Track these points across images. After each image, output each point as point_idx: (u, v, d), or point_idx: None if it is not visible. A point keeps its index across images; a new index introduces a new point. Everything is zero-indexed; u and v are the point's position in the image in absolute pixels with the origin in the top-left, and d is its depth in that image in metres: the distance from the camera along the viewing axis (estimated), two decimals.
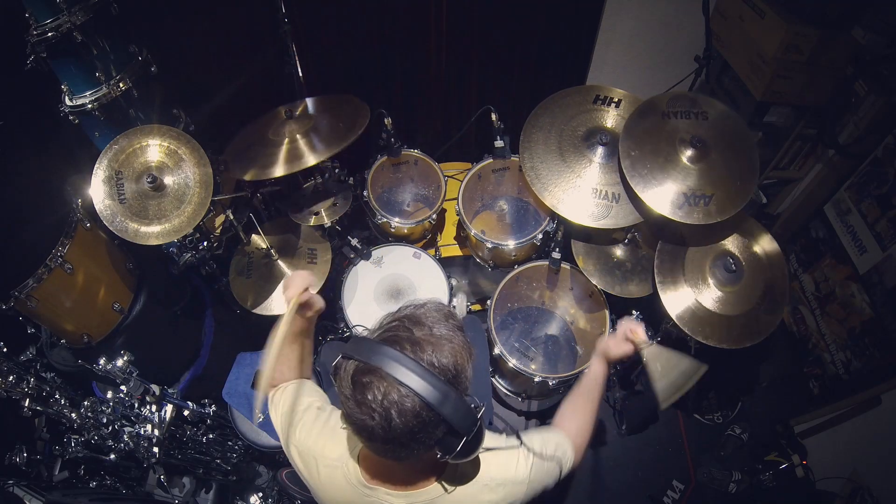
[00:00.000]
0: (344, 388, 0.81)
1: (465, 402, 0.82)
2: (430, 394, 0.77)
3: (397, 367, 0.77)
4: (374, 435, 0.80)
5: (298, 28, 2.35)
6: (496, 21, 2.40)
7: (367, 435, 0.81)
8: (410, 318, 0.85)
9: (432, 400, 0.77)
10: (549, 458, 1.07)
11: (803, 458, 2.26)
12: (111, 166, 1.61)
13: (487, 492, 0.99)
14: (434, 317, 0.86)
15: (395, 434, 0.78)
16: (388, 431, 0.78)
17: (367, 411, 0.78)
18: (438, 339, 0.82)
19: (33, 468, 1.84)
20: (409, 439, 0.80)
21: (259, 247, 2.09)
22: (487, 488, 0.99)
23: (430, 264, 2.14)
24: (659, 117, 1.76)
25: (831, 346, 2.34)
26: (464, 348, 0.85)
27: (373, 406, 0.77)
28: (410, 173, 2.38)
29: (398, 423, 0.77)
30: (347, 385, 0.80)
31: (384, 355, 0.78)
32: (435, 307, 0.88)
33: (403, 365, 0.77)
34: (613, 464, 2.44)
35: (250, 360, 1.99)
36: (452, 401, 0.79)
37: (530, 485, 1.03)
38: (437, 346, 0.81)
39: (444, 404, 0.78)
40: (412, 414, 0.77)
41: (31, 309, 1.63)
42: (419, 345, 0.81)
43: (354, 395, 0.79)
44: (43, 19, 1.49)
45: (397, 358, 0.78)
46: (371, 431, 0.79)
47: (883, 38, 2.00)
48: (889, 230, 2.02)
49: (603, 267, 1.98)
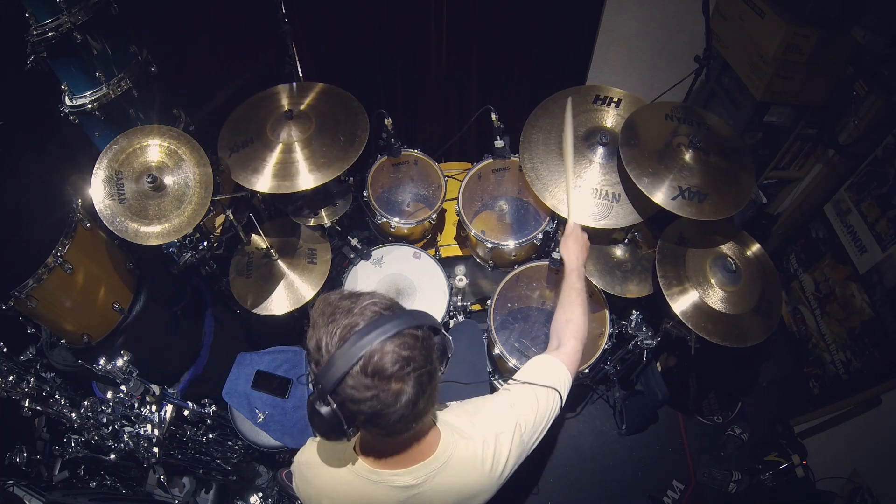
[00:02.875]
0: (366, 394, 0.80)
1: (418, 311, 0.87)
2: (405, 322, 0.82)
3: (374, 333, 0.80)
4: (418, 393, 0.82)
5: (298, 28, 2.35)
6: (496, 21, 2.40)
7: (412, 400, 0.82)
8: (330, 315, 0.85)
9: (410, 323, 0.83)
10: (544, 386, 1.11)
11: (803, 458, 2.26)
12: (111, 166, 1.60)
13: (484, 447, 1.01)
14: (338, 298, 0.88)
15: (424, 367, 0.83)
16: (422, 372, 0.82)
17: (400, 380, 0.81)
18: (362, 303, 0.86)
19: (33, 468, 1.84)
20: (428, 362, 0.84)
21: (259, 247, 2.09)
22: (483, 444, 1.01)
23: (430, 264, 2.14)
24: (662, 118, 1.78)
25: (831, 346, 2.34)
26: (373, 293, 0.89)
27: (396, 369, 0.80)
28: (410, 173, 2.38)
29: (418, 357, 0.82)
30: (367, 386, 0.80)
31: (359, 340, 0.80)
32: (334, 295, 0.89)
33: (375, 328, 0.80)
34: (613, 464, 2.44)
35: (250, 360, 1.99)
36: (416, 314, 0.86)
37: (530, 425, 1.07)
38: (370, 303, 0.85)
39: (415, 318, 0.84)
40: (415, 342, 0.82)
41: (31, 309, 1.63)
42: (363, 312, 0.84)
43: (380, 384, 0.80)
44: (43, 19, 1.49)
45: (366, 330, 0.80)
46: (415, 393, 0.82)
47: (883, 38, 2.00)
48: (889, 230, 2.02)
49: (603, 267, 1.98)
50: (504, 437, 1.02)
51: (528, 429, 1.06)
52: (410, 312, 0.86)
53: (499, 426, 1.03)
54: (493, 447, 1.01)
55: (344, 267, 2.16)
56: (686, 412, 2.56)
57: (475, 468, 1.00)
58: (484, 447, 1.00)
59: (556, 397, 1.11)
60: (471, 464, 0.99)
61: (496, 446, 1.01)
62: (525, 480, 2.38)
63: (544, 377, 1.13)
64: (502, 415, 1.06)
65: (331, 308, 0.86)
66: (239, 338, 2.35)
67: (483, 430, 1.02)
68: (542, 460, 2.44)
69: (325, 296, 0.90)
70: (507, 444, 1.02)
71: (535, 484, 2.38)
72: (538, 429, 1.08)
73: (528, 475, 2.39)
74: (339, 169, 1.83)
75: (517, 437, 1.04)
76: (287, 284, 2.02)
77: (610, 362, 2.12)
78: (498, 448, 1.02)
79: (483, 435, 1.01)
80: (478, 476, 1.00)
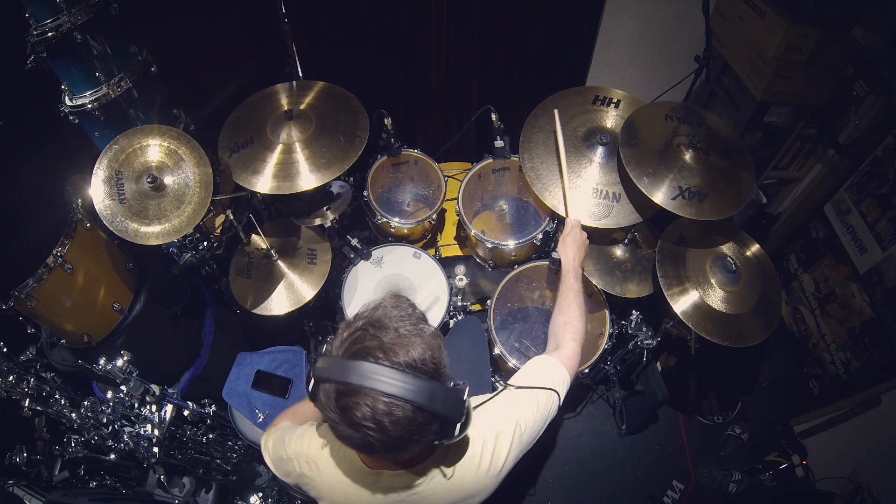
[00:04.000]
0: (330, 413, 0.80)
1: (451, 391, 0.82)
2: (417, 395, 0.77)
3: (377, 379, 0.76)
4: (373, 448, 0.80)
5: (298, 28, 2.35)
6: (496, 21, 2.40)
7: (367, 450, 0.82)
8: (373, 324, 0.83)
9: (422, 401, 0.77)
10: (544, 387, 1.10)
11: (803, 458, 2.26)
12: (111, 166, 1.60)
13: (484, 446, 1.01)
14: (394, 315, 0.85)
15: (394, 441, 0.79)
16: (388, 441, 0.78)
17: (361, 429, 0.77)
18: (408, 338, 0.82)
19: (33, 468, 1.84)
20: (408, 443, 0.81)
21: (259, 247, 2.09)
22: (483, 444, 1.01)
23: (430, 264, 2.14)
24: (662, 117, 1.78)
25: (831, 346, 2.34)
26: (434, 337, 0.85)
27: (365, 423, 0.77)
28: (410, 173, 2.38)
29: (394, 432, 0.77)
30: (334, 411, 0.79)
31: (360, 373, 0.77)
32: (392, 304, 0.87)
33: (382, 376, 0.76)
34: (613, 464, 2.44)
35: (250, 360, 1.99)
36: (441, 394, 0.80)
37: (529, 425, 1.06)
38: (408, 345, 0.81)
39: (434, 401, 0.78)
40: (406, 420, 0.78)
41: (31, 309, 1.63)
42: (391, 349, 0.80)
43: (344, 419, 0.79)
44: (43, 19, 1.49)
45: (374, 371, 0.77)
46: (370, 446, 0.79)
47: (883, 38, 2.00)
48: (889, 230, 2.02)
49: (603, 267, 1.98)
50: (504, 437, 1.02)
51: (527, 429, 1.06)
52: (434, 389, 0.78)
53: (499, 425, 1.03)
54: (493, 446, 1.01)
55: (344, 267, 2.16)
56: (686, 412, 2.56)
57: (472, 468, 1.00)
58: (483, 446, 1.00)
59: (555, 398, 1.11)
60: (468, 464, 0.99)
61: (495, 445, 1.01)
62: (524, 480, 2.38)
63: (544, 378, 1.13)
64: (503, 414, 1.05)
65: (380, 321, 0.83)
66: (239, 338, 2.35)
67: (482, 429, 1.02)
68: (542, 460, 2.44)
69: (393, 299, 0.87)
70: (506, 444, 1.02)
71: (534, 484, 2.38)
72: (536, 429, 1.08)
73: (527, 475, 2.40)
74: (339, 169, 1.83)
75: (517, 436, 1.04)
76: (287, 284, 2.02)
77: (610, 362, 2.12)
78: (497, 447, 1.01)
79: (482, 434, 1.01)
80: (476, 476, 1.00)
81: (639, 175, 1.65)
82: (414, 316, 0.87)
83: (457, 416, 0.82)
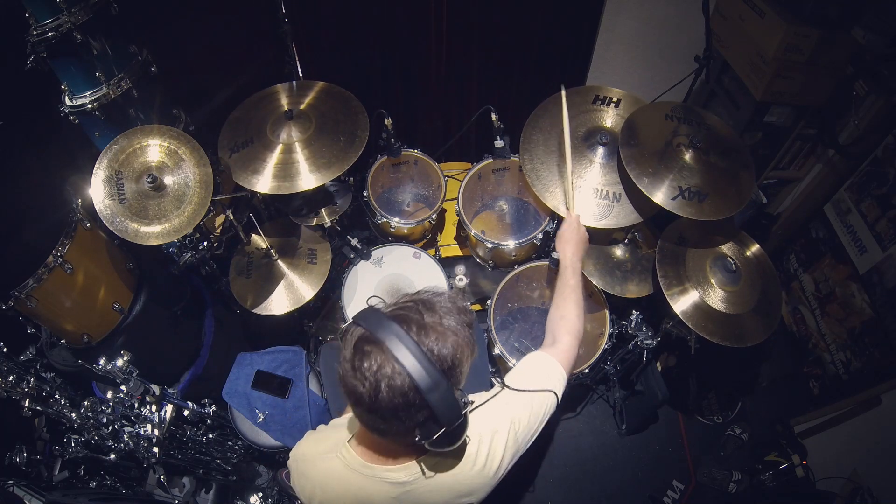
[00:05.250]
0: (346, 351, 0.85)
1: (453, 395, 0.84)
2: (421, 377, 0.80)
3: (398, 344, 0.81)
4: (360, 400, 0.83)
5: (298, 28, 2.35)
6: (496, 21, 2.40)
7: (354, 399, 0.84)
8: (425, 303, 0.88)
9: (422, 384, 0.80)
10: (539, 390, 1.10)
11: (803, 458, 2.26)
12: (111, 166, 1.60)
13: (479, 445, 1.01)
14: (447, 307, 0.89)
15: (379, 406, 0.82)
16: (374, 402, 0.81)
17: (360, 377, 0.82)
18: (445, 329, 0.86)
19: (33, 468, 1.84)
20: (390, 415, 0.83)
21: (259, 247, 2.09)
22: (478, 443, 1.01)
23: (430, 264, 2.14)
24: (662, 117, 1.78)
25: (831, 346, 2.34)
26: (467, 344, 0.88)
27: (366, 374, 0.81)
28: (410, 173, 2.38)
29: (385, 396, 0.81)
30: (350, 349, 0.84)
31: (389, 330, 0.82)
32: (450, 298, 0.91)
33: (404, 344, 0.81)
34: (613, 464, 2.44)
35: (250, 360, 1.99)
36: (441, 390, 0.82)
37: (524, 424, 1.06)
38: (442, 336, 0.85)
39: (432, 391, 0.81)
40: (399, 392, 0.80)
41: (31, 309, 1.63)
42: (425, 329, 0.84)
43: (353, 360, 0.83)
44: (43, 19, 1.49)
45: (400, 335, 0.81)
46: (359, 397, 0.83)
47: (883, 38, 2.00)
48: (889, 230, 2.02)
49: (603, 267, 1.98)
50: (499, 436, 1.03)
51: (522, 428, 1.06)
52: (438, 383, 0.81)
53: (494, 424, 1.03)
54: (488, 445, 1.01)
55: (344, 267, 2.16)
56: (686, 412, 2.56)
57: (467, 466, 1.00)
58: (478, 445, 1.01)
59: (552, 399, 1.11)
60: (464, 462, 0.99)
61: (490, 444, 1.02)
62: (524, 480, 2.38)
63: (540, 378, 1.13)
64: (498, 413, 1.05)
65: (431, 304, 0.88)
66: (239, 338, 2.35)
67: (478, 427, 1.01)
68: (542, 460, 2.44)
69: (455, 296, 0.92)
70: (501, 443, 1.03)
71: (534, 484, 2.38)
72: (532, 428, 1.08)
73: (527, 475, 2.40)
74: (339, 169, 1.83)
75: (512, 435, 1.04)
76: (287, 284, 2.02)
77: (610, 362, 2.12)
78: (493, 446, 1.02)
79: (478, 433, 1.01)
80: (470, 474, 1.00)
81: (639, 175, 1.65)
82: (462, 316, 0.90)
83: (445, 419, 0.84)
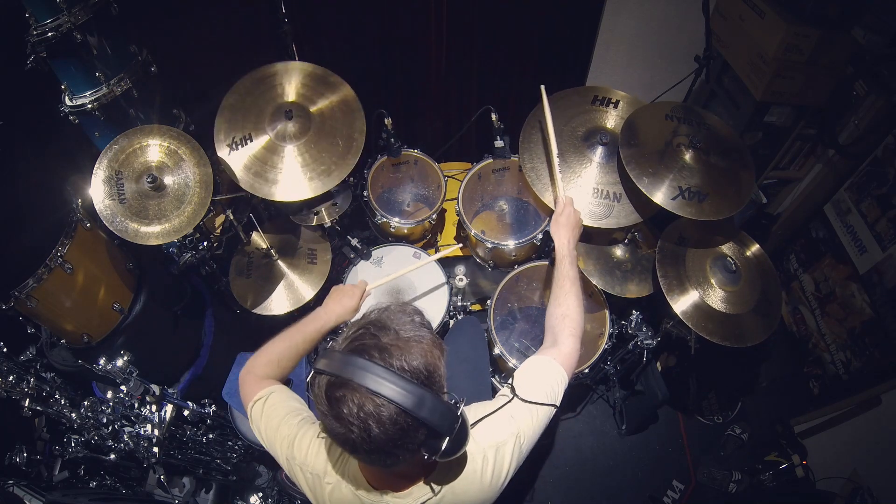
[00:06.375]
0: (320, 405, 0.81)
1: (442, 402, 0.81)
2: (404, 399, 0.76)
3: (367, 376, 0.77)
4: (357, 447, 0.80)
5: (298, 28, 2.35)
6: (496, 21, 2.40)
7: (350, 447, 0.81)
8: (375, 324, 0.85)
9: (408, 405, 0.77)
10: (544, 404, 1.08)
11: (803, 458, 2.26)
12: (111, 166, 1.61)
13: (485, 461, 0.99)
14: (399, 319, 0.86)
15: (377, 444, 0.78)
16: (370, 442, 0.78)
17: (345, 425, 0.78)
18: (406, 342, 0.82)
19: (33, 468, 1.84)
20: (391, 447, 0.80)
21: (259, 247, 2.09)
22: (483, 458, 0.99)
23: (430, 264, 2.14)
24: (662, 117, 1.78)
25: (831, 346, 2.34)
26: (433, 346, 0.85)
27: (350, 419, 0.77)
28: (410, 173, 2.38)
29: (378, 433, 0.77)
30: (323, 401, 0.80)
31: (353, 366, 0.78)
32: (398, 308, 0.88)
33: (373, 373, 0.77)
34: (613, 464, 2.44)
35: None
36: (429, 402, 0.79)
37: (529, 436, 1.05)
38: (406, 350, 0.81)
39: (421, 407, 0.78)
40: (390, 422, 0.77)
41: (31, 309, 1.63)
42: (387, 350, 0.80)
43: (331, 411, 0.79)
44: (43, 19, 1.49)
45: (366, 367, 0.77)
46: (353, 444, 0.79)
47: (883, 38, 2.00)
48: (889, 230, 2.02)
49: (603, 267, 1.98)
50: (505, 449, 1.01)
51: (526, 440, 1.05)
52: (423, 398, 0.78)
53: (499, 437, 1.02)
54: (493, 460, 1.00)
55: (344, 267, 2.16)
56: (686, 412, 2.56)
57: (475, 483, 0.99)
58: (484, 461, 0.99)
59: (553, 411, 1.10)
60: (471, 479, 0.98)
61: (496, 459, 1.00)
62: (524, 480, 2.37)
63: (545, 388, 1.10)
64: (503, 426, 1.04)
65: (382, 322, 0.84)
66: (239, 338, 2.35)
67: (482, 442, 1.00)
68: (542, 460, 2.44)
69: (402, 305, 0.88)
70: (508, 456, 1.01)
71: (534, 484, 2.37)
72: (534, 440, 1.08)
73: (527, 475, 2.39)
74: (337, 178, 1.83)
75: (517, 448, 1.03)
76: (287, 284, 2.02)
77: (610, 362, 2.12)
78: (498, 460, 1.00)
79: (483, 448, 1.00)
80: (479, 490, 0.99)
81: (639, 175, 1.65)
82: (417, 322, 0.87)
83: (444, 429, 0.81)
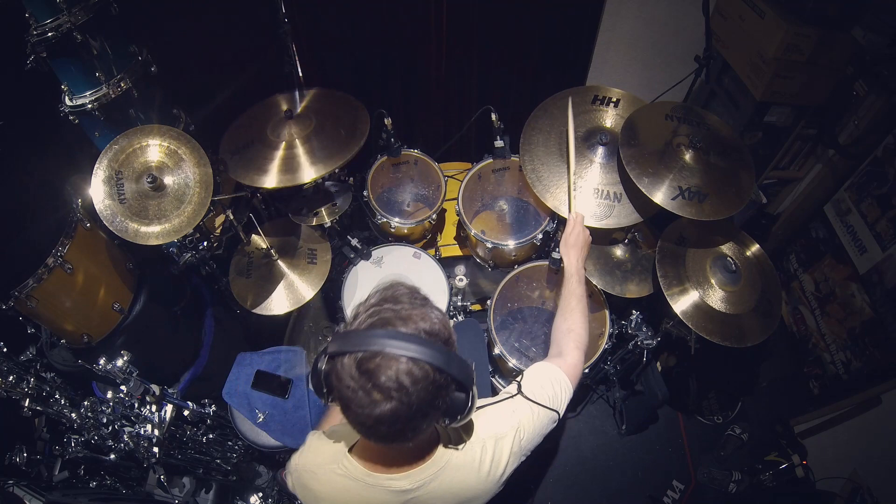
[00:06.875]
0: (348, 382, 0.79)
1: (462, 359, 0.86)
2: (435, 357, 0.80)
3: (396, 342, 0.79)
4: (395, 417, 0.79)
5: (298, 28, 2.35)
6: (496, 21, 2.40)
7: (387, 419, 0.79)
8: (388, 299, 0.88)
9: (440, 363, 0.80)
10: (546, 407, 1.10)
11: (803, 458, 2.26)
12: (111, 166, 1.60)
13: (483, 451, 1.00)
14: (404, 292, 0.90)
15: (416, 405, 0.79)
16: (409, 406, 0.79)
17: (383, 394, 0.78)
18: (420, 310, 0.86)
19: (33, 468, 1.84)
20: (428, 407, 0.81)
21: (259, 247, 2.09)
22: (482, 448, 1.00)
23: (430, 264, 2.14)
24: (662, 117, 1.78)
25: (831, 346, 2.34)
26: (441, 313, 0.89)
27: (388, 385, 0.77)
28: (410, 173, 2.38)
29: (415, 393, 0.78)
30: (352, 377, 0.79)
31: (381, 337, 0.80)
32: (398, 284, 0.91)
33: (403, 340, 0.79)
34: (613, 464, 2.44)
35: (250, 360, 1.99)
36: (455, 360, 0.83)
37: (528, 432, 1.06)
38: (423, 317, 0.85)
39: (450, 364, 0.81)
40: (426, 380, 0.79)
41: (31, 309, 1.63)
42: (410, 318, 0.84)
43: (365, 385, 0.78)
44: (43, 19, 1.49)
45: (395, 335, 0.80)
46: (392, 414, 0.78)
47: (883, 38, 2.00)
48: (889, 230, 2.02)
49: (603, 267, 1.98)
50: (505, 442, 1.02)
51: (526, 436, 1.06)
52: (449, 355, 0.82)
53: (500, 430, 1.03)
54: (492, 451, 1.01)
55: (344, 267, 2.16)
56: (686, 412, 2.56)
57: (473, 472, 0.99)
58: (483, 451, 1.00)
59: (555, 417, 1.11)
60: (468, 468, 0.99)
61: (495, 450, 1.01)
62: (524, 480, 2.37)
63: (550, 392, 1.11)
64: (504, 419, 1.05)
65: (394, 297, 0.87)
66: (239, 338, 2.35)
67: (483, 433, 1.01)
68: (542, 460, 2.44)
69: (400, 283, 0.91)
70: (507, 449, 1.02)
71: (534, 484, 2.37)
72: (534, 440, 1.08)
73: (527, 475, 2.39)
74: (342, 158, 1.84)
75: (517, 442, 1.04)
76: (287, 284, 2.02)
77: (610, 362, 2.12)
78: (497, 452, 1.01)
79: (482, 438, 1.01)
80: (476, 480, 1.00)
81: (639, 175, 1.65)
82: (420, 294, 0.91)
83: (468, 383, 0.85)
